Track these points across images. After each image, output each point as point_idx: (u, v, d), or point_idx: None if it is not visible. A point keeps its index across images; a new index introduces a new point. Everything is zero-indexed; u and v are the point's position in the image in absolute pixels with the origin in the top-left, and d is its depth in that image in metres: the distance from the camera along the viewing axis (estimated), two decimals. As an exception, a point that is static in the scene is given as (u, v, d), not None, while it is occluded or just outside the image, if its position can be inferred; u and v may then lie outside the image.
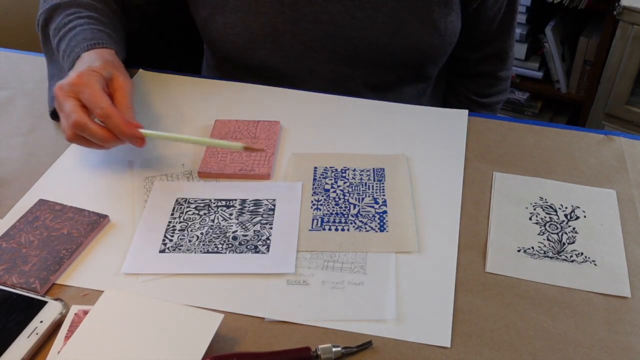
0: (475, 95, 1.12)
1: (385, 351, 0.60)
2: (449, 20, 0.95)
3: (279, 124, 0.87)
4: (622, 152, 0.84)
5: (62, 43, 0.82)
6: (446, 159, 0.82)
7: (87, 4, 0.87)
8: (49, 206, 0.73)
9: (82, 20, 0.84)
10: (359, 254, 0.69)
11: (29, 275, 0.65)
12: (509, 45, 1.08)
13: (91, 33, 0.81)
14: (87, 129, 0.70)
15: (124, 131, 0.71)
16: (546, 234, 0.72)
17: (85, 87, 0.71)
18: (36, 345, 0.59)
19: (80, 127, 0.70)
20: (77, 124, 0.70)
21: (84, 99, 0.71)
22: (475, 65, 1.11)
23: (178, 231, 0.72)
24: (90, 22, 0.84)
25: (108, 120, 0.70)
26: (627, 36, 1.83)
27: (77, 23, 0.83)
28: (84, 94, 0.71)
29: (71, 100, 0.71)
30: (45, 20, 0.87)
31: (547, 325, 0.63)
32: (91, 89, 0.71)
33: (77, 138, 0.72)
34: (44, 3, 0.89)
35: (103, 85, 0.73)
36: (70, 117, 0.70)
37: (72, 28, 0.82)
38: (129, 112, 0.73)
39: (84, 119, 0.70)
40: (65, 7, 0.86)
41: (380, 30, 0.92)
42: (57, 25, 0.84)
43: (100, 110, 0.70)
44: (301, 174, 0.79)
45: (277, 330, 0.62)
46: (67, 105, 0.71)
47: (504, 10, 1.02)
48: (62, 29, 0.83)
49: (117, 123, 0.71)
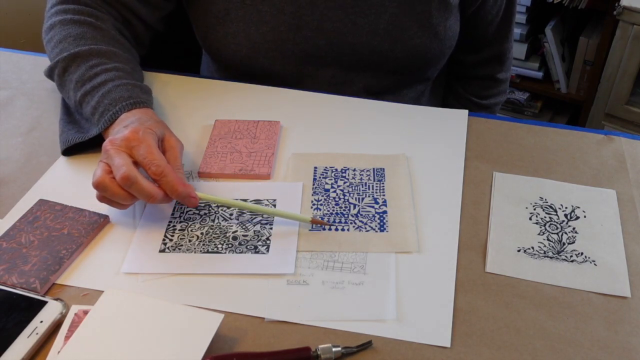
0: (474, 97, 1.13)
1: (385, 351, 0.60)
2: (448, 25, 0.95)
3: (279, 124, 0.87)
4: (622, 152, 0.84)
5: (89, 97, 0.79)
6: (446, 159, 0.82)
7: (108, 51, 0.83)
8: (49, 206, 0.73)
9: (110, 74, 0.81)
10: (359, 254, 0.69)
11: (29, 275, 0.65)
12: (507, 48, 1.09)
13: (127, 91, 0.79)
14: (136, 183, 0.67)
15: (179, 191, 0.69)
16: (546, 234, 0.72)
17: (141, 144, 0.70)
18: (36, 345, 0.59)
19: (130, 181, 0.67)
20: (126, 178, 0.66)
21: (138, 155, 0.69)
22: (474, 67, 1.11)
23: (178, 231, 0.72)
24: (119, 75, 0.81)
25: (163, 178, 0.68)
26: (627, 36, 1.83)
27: (106, 77, 0.80)
28: (139, 150, 0.69)
29: (124, 155, 0.69)
30: (64, 69, 0.83)
31: (547, 325, 0.63)
32: (147, 146, 0.69)
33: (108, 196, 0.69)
34: (55, 48, 0.85)
35: (157, 144, 0.72)
36: (120, 170, 0.67)
37: (103, 83, 0.79)
38: (180, 172, 0.72)
39: (134, 173, 0.67)
40: (86, 56, 0.82)
41: (382, 37, 0.92)
42: (79, 77, 0.81)
43: (156, 167, 0.68)
44: (301, 174, 0.80)
45: (277, 330, 0.62)
46: (117, 159, 0.68)
47: (502, 14, 1.02)
48: (88, 82, 0.80)
49: (171, 182, 0.69)
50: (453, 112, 0.91)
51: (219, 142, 0.84)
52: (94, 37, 0.84)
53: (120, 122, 0.76)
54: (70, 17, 0.86)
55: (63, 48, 0.83)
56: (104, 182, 0.67)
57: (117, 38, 0.88)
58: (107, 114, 0.77)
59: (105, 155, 0.70)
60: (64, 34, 0.84)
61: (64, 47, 0.83)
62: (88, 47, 0.82)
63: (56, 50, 0.84)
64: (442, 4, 0.92)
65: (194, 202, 0.71)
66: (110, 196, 0.68)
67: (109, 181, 0.67)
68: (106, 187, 0.67)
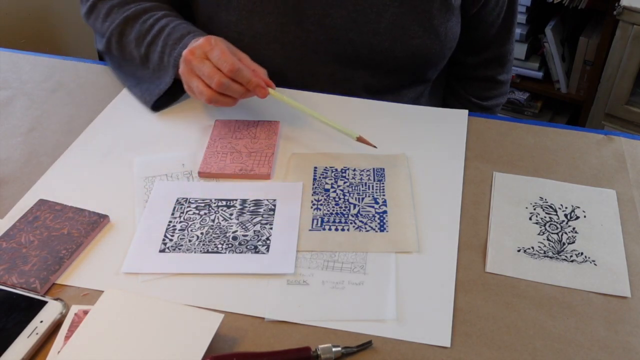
0: (475, 98, 1.13)
1: (385, 351, 0.60)
2: (449, 26, 0.95)
3: (279, 124, 0.87)
4: (622, 152, 0.84)
5: (154, 47, 0.88)
6: (446, 159, 0.82)
7: (152, 6, 0.92)
8: (49, 206, 0.73)
9: (163, 21, 0.89)
10: (359, 254, 0.69)
11: (29, 275, 0.65)
12: (509, 50, 1.09)
13: (185, 28, 0.87)
14: (229, 87, 0.79)
15: (252, 80, 0.79)
16: (546, 234, 0.72)
17: (214, 47, 0.79)
18: (36, 345, 0.59)
19: (224, 86, 0.78)
20: (220, 84, 0.78)
21: (212, 57, 0.79)
22: (475, 69, 1.11)
23: (178, 231, 0.72)
24: (172, 19, 0.89)
25: (238, 73, 0.78)
26: (627, 36, 1.83)
27: (162, 24, 0.88)
28: (212, 53, 0.79)
29: (207, 62, 0.79)
30: (120, 35, 0.91)
31: (547, 325, 0.63)
32: (220, 49, 0.79)
33: (216, 97, 0.80)
34: (105, 23, 0.93)
35: (229, 49, 0.81)
36: (213, 79, 0.78)
37: (160, 30, 0.88)
38: (255, 71, 0.82)
39: (224, 79, 0.78)
40: (135, 17, 0.91)
41: (382, 36, 0.92)
42: (137, 34, 0.89)
43: (230, 65, 0.77)
44: (301, 174, 0.80)
45: (277, 330, 0.62)
46: (204, 69, 0.78)
47: (503, 15, 1.02)
48: (148, 34, 0.89)
49: (246, 75, 0.79)
50: (453, 112, 0.91)
51: (219, 142, 0.84)
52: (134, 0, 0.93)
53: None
54: None
55: (112, 19, 0.92)
56: (238, 67, 0.78)
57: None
58: (174, 53, 0.85)
59: (188, 66, 0.80)
60: (107, 8, 0.93)
61: (112, 18, 0.92)
62: (134, 9, 0.91)
63: (106, 24, 0.93)
64: (443, 5, 0.92)
65: (263, 92, 0.81)
66: (232, 92, 0.79)
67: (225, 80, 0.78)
68: (228, 86, 0.78)
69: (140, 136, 0.86)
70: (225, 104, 0.81)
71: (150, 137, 0.86)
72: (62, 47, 2.14)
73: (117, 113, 0.91)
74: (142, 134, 0.87)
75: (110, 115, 0.90)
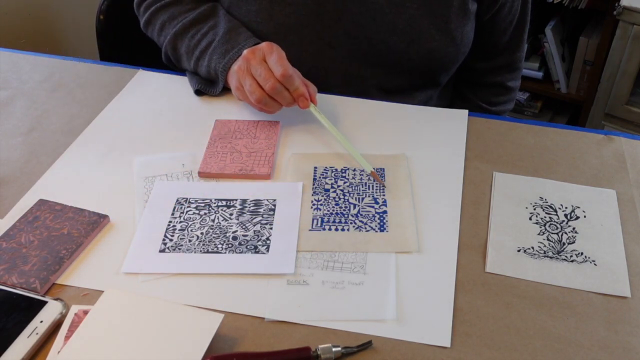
0: (484, 103, 1.13)
1: (385, 351, 0.60)
2: (465, 31, 0.96)
3: (279, 124, 0.87)
4: (622, 152, 0.84)
5: (201, 62, 0.93)
6: (446, 159, 0.82)
7: (197, 18, 0.95)
8: (49, 206, 0.73)
9: (209, 36, 0.93)
10: (359, 254, 0.69)
11: (29, 275, 0.65)
12: (519, 57, 1.10)
13: (227, 42, 0.90)
14: (280, 92, 0.81)
15: (299, 90, 0.82)
16: (546, 233, 0.72)
17: (273, 52, 0.82)
18: (36, 345, 0.59)
19: (276, 90, 0.81)
20: (274, 87, 0.81)
21: (270, 60, 0.82)
22: (485, 74, 1.11)
23: (178, 231, 0.72)
24: (215, 32, 0.93)
25: (288, 80, 0.81)
26: (627, 36, 1.83)
27: (207, 41, 0.93)
28: (270, 57, 0.82)
29: (265, 64, 0.82)
30: (173, 49, 0.97)
31: (547, 325, 0.63)
32: (278, 54, 0.82)
33: (266, 99, 0.82)
34: (160, 37, 0.99)
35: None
36: (268, 82, 0.81)
37: (207, 46, 0.92)
38: (303, 83, 0.84)
39: (278, 84, 0.81)
40: (183, 32, 0.95)
41: (399, 37, 0.92)
42: (186, 50, 0.95)
43: (284, 70, 0.80)
44: (301, 174, 0.80)
45: (277, 330, 0.62)
46: (261, 70, 0.81)
47: (515, 23, 1.03)
48: (196, 49, 0.94)
49: (295, 84, 0.81)
50: (453, 112, 0.91)
51: (219, 142, 0.84)
52: (180, 12, 0.97)
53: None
54: (155, 7, 1.00)
55: (165, 35, 0.98)
56: (290, 74, 0.81)
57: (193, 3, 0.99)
58: (222, 72, 0.90)
59: (246, 64, 0.83)
60: (159, 24, 0.99)
61: (165, 34, 0.98)
62: (181, 24, 0.96)
63: (161, 39, 0.99)
64: (461, 10, 0.93)
65: (305, 104, 0.83)
66: (281, 98, 0.82)
67: (278, 85, 0.81)
68: (280, 91, 0.81)
69: (140, 136, 0.86)
70: (270, 108, 0.84)
71: (150, 137, 0.86)
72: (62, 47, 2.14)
73: (117, 113, 0.91)
74: (142, 134, 0.87)
75: (110, 115, 0.90)
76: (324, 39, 0.94)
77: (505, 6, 0.99)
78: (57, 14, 2.07)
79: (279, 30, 0.94)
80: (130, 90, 0.95)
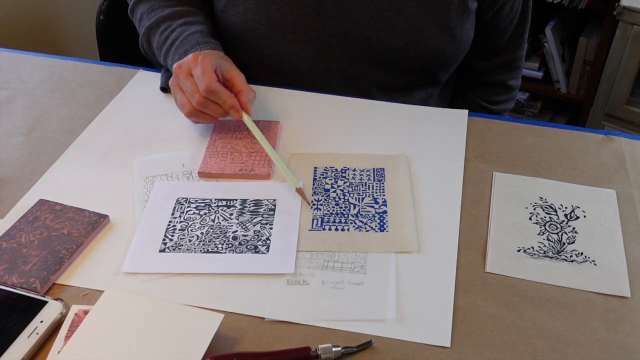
0: (485, 102, 1.13)
1: (385, 351, 0.60)
2: (465, 29, 0.96)
3: (279, 124, 0.87)
4: (622, 152, 0.84)
5: (170, 58, 0.91)
6: (446, 159, 0.82)
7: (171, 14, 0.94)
8: (49, 206, 0.73)
9: (176, 32, 0.92)
10: (359, 254, 0.69)
11: (29, 275, 0.65)
12: (520, 55, 1.10)
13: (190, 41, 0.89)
14: (208, 106, 0.80)
15: (228, 102, 0.80)
16: (546, 233, 0.72)
17: (198, 66, 0.80)
18: (36, 345, 0.59)
19: (203, 105, 0.79)
20: (200, 103, 0.79)
21: (195, 74, 0.80)
22: (485, 73, 1.11)
23: (178, 231, 0.72)
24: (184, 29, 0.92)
25: (213, 94, 0.79)
26: (627, 36, 1.83)
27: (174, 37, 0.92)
28: (195, 70, 0.80)
29: (191, 79, 0.80)
30: (147, 42, 0.97)
31: (547, 325, 0.63)
32: (203, 68, 0.79)
33: (196, 113, 0.81)
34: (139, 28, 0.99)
35: (214, 68, 0.81)
36: (194, 97, 0.79)
37: (172, 43, 0.91)
38: (246, 93, 0.82)
39: (203, 98, 0.79)
40: (156, 27, 0.95)
41: (398, 35, 0.92)
42: (157, 45, 0.95)
43: (206, 85, 0.78)
44: (301, 174, 0.80)
45: (277, 330, 0.62)
46: (187, 85, 0.80)
47: (516, 22, 1.03)
48: (163, 46, 0.93)
49: (222, 96, 0.79)
50: (453, 112, 0.91)
51: (219, 142, 0.84)
52: (160, 5, 0.97)
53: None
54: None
55: (142, 26, 0.98)
56: (213, 89, 0.78)
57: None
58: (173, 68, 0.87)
59: (175, 79, 0.82)
60: (139, 14, 0.99)
61: (142, 25, 0.98)
62: (155, 18, 0.95)
63: (140, 29, 0.99)
64: (461, 8, 0.93)
65: (237, 115, 0.81)
66: (211, 111, 0.80)
67: (204, 99, 0.79)
68: (207, 105, 0.79)
69: (140, 136, 0.86)
70: (204, 121, 0.83)
71: (150, 137, 0.86)
72: (62, 47, 2.14)
73: (117, 113, 0.91)
74: (142, 134, 0.87)
75: (110, 115, 0.90)
76: (323, 38, 0.94)
77: (506, 5, 0.99)
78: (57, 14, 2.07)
79: (276, 29, 0.94)
80: (130, 90, 0.95)
